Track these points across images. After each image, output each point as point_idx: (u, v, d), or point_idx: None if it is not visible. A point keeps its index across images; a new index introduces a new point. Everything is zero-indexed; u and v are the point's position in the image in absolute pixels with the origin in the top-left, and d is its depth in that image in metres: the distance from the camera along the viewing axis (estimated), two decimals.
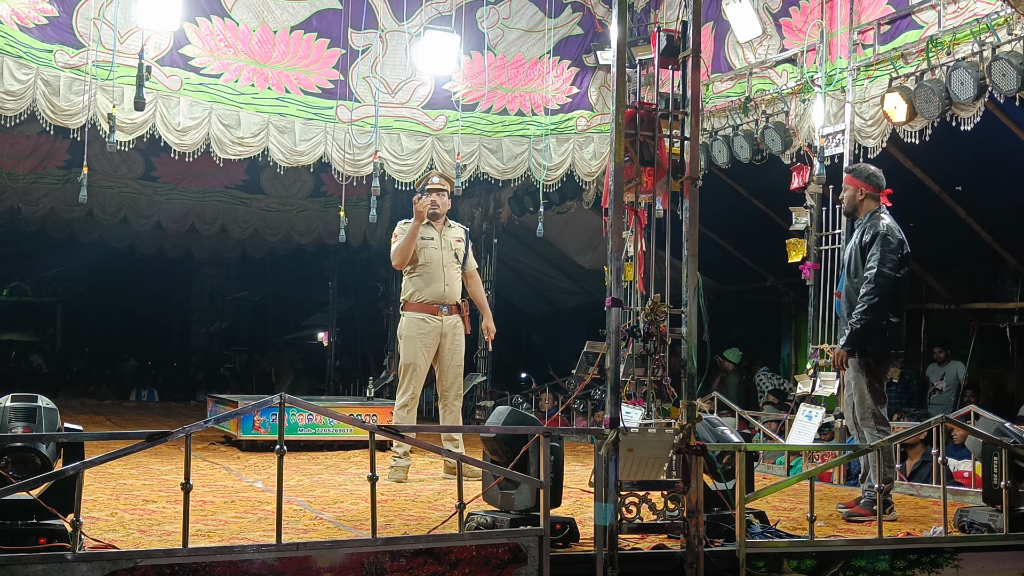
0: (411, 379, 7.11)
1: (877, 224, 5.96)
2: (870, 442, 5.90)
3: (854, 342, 5.87)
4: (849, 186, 6.22)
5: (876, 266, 5.83)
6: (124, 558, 3.68)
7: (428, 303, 7.16)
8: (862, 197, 6.13)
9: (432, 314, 7.16)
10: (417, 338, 7.12)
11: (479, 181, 10.54)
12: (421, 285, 7.18)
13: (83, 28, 8.30)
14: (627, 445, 4.36)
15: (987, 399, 10.69)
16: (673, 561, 4.45)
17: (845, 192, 6.26)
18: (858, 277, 5.97)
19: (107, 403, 14.76)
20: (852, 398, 6.08)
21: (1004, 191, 9.27)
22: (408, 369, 7.13)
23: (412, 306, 7.20)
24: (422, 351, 7.12)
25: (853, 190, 6.17)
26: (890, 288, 5.83)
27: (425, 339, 7.13)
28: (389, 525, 5.15)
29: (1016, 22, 6.64)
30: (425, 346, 7.13)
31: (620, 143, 4.48)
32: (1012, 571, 4.90)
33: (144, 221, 14.87)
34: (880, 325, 5.85)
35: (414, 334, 7.14)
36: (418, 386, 7.18)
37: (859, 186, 6.15)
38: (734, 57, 9.23)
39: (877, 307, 5.81)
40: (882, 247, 5.85)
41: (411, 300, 7.21)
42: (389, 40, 9.58)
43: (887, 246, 5.86)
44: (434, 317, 7.15)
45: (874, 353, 5.92)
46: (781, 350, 13.46)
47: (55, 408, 4.26)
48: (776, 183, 9.02)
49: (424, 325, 7.14)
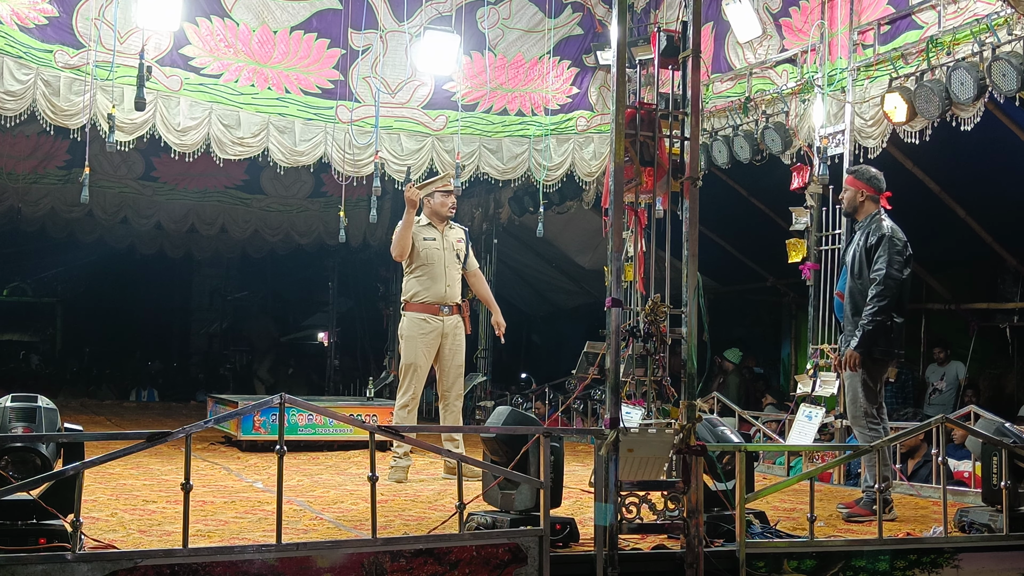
0: (412, 379, 7.12)
1: (881, 226, 5.98)
2: (861, 442, 5.92)
3: (866, 343, 5.88)
4: (850, 187, 6.23)
5: (884, 268, 5.84)
6: (124, 558, 3.68)
7: (430, 303, 7.17)
8: (863, 199, 6.14)
9: (433, 314, 7.16)
10: (419, 338, 7.13)
11: (479, 181, 10.54)
12: (424, 285, 7.18)
13: (83, 28, 8.30)
14: (627, 445, 4.36)
15: (987, 399, 10.69)
16: (673, 561, 4.45)
17: (846, 193, 6.27)
18: (862, 279, 5.99)
19: (107, 403, 14.76)
20: (847, 397, 6.10)
21: (1004, 191, 9.26)
22: (409, 369, 7.13)
23: (414, 306, 7.20)
24: (423, 351, 7.12)
25: (854, 191, 6.18)
26: (897, 289, 5.87)
27: (426, 339, 7.13)
28: (389, 525, 5.15)
29: (1016, 22, 6.64)
30: (426, 346, 7.13)
31: (620, 143, 4.48)
32: (1012, 571, 4.90)
33: (144, 221, 14.88)
34: (886, 326, 5.87)
35: (415, 334, 7.14)
36: (419, 386, 7.18)
37: (860, 188, 6.16)
38: (734, 57, 9.23)
39: (887, 308, 5.83)
40: (889, 249, 5.87)
41: (413, 300, 7.21)
42: (389, 40, 9.58)
43: (893, 248, 5.88)
44: (435, 317, 7.16)
45: (879, 353, 5.94)
46: (781, 350, 13.47)
47: (55, 408, 4.26)
48: (776, 183, 9.02)
49: (425, 325, 7.14)
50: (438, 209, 7.29)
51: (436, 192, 7.30)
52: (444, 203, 7.29)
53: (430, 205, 7.30)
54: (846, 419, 7.89)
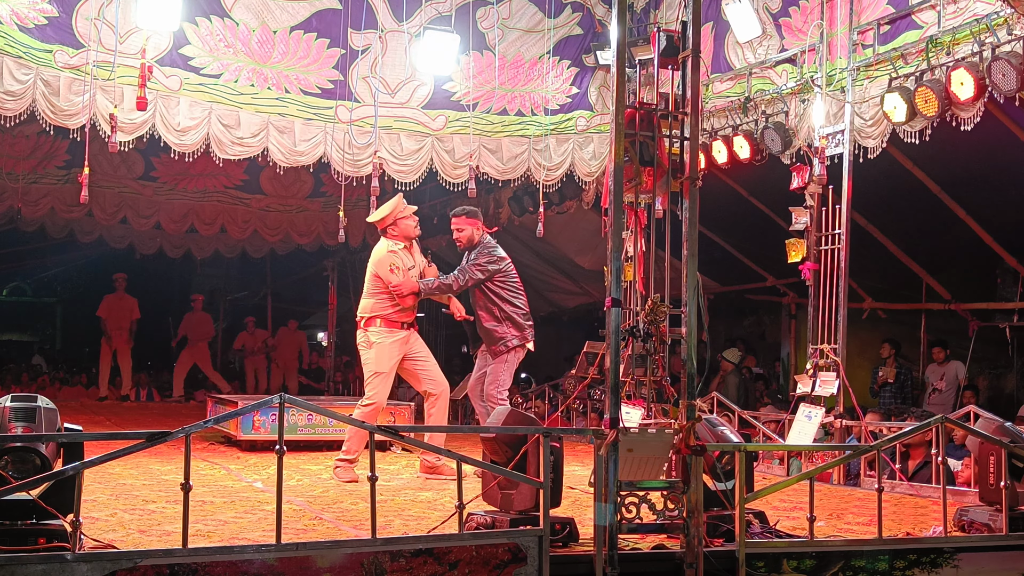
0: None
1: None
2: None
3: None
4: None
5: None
6: (124, 558, 3.68)
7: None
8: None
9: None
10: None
11: (479, 181, 10.53)
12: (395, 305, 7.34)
13: (83, 28, 8.29)
14: (627, 445, 4.36)
15: (987, 399, 10.69)
16: (673, 561, 4.46)
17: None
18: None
19: (107, 403, 14.74)
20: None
21: (1004, 191, 9.26)
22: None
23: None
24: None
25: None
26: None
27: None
28: (389, 525, 5.15)
29: (1016, 22, 6.65)
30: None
31: (620, 143, 4.49)
32: (1012, 571, 4.90)
33: (144, 221, 14.86)
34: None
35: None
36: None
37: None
38: (734, 57, 9.23)
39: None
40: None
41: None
42: (389, 40, 9.58)
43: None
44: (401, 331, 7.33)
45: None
46: (781, 350, 13.47)
47: (55, 408, 4.26)
48: (776, 183, 9.02)
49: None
50: (409, 232, 7.42)
51: (400, 220, 7.39)
52: (411, 225, 7.44)
53: (401, 229, 7.39)
54: (846, 419, 7.92)
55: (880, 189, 8.83)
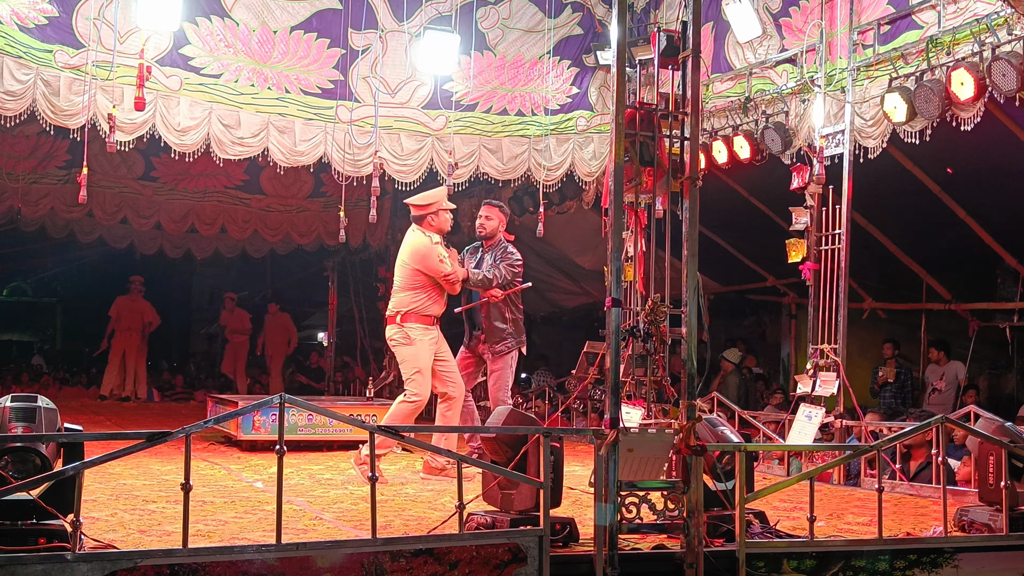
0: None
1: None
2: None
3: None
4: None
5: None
6: (124, 558, 3.68)
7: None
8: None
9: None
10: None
11: (479, 181, 10.54)
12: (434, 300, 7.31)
13: (83, 28, 8.30)
14: (627, 445, 4.36)
15: (987, 399, 10.68)
16: (673, 561, 4.46)
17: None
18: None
19: (107, 403, 14.75)
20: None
21: (1004, 191, 9.26)
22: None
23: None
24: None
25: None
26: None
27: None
28: (389, 525, 5.15)
29: (1016, 22, 6.64)
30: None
31: (620, 143, 4.49)
32: (1012, 571, 4.90)
33: (144, 221, 14.86)
34: None
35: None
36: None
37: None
38: (734, 57, 9.23)
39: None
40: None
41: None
42: (389, 40, 9.58)
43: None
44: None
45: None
46: (781, 350, 13.47)
47: (55, 408, 4.26)
48: (776, 183, 9.02)
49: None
50: (444, 226, 7.39)
51: (441, 212, 7.37)
52: (448, 219, 7.43)
53: (440, 221, 7.35)
54: (846, 419, 7.92)
55: (880, 189, 8.82)
